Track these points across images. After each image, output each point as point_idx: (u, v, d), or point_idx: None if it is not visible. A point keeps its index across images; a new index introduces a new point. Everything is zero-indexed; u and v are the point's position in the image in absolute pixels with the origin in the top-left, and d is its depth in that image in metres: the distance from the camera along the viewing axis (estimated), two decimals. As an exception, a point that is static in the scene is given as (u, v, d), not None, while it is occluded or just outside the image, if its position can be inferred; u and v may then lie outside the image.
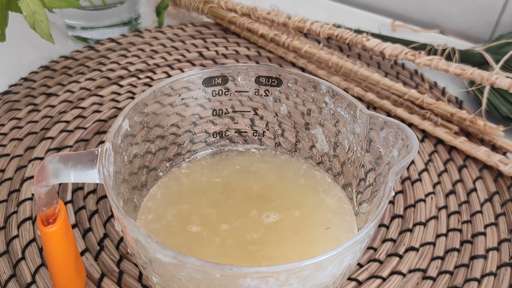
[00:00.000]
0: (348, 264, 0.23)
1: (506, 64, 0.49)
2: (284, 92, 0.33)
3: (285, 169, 0.34)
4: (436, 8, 0.64)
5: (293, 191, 0.32)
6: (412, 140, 0.25)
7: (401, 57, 0.46)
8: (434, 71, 0.47)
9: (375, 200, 0.27)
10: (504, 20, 0.60)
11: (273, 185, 0.32)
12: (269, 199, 0.31)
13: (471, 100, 0.50)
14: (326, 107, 0.31)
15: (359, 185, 0.30)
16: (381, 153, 0.28)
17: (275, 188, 0.32)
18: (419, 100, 0.45)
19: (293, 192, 0.32)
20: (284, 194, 0.31)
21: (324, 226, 0.29)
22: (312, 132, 0.33)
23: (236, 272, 0.20)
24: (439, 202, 0.38)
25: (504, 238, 0.35)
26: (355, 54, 0.55)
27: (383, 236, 0.35)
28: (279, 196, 0.31)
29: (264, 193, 0.31)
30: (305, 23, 0.51)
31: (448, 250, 0.35)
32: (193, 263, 0.20)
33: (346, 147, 0.31)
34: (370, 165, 0.29)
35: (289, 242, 0.28)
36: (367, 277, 0.32)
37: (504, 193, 0.39)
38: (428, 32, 0.62)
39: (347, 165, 0.32)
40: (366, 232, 0.22)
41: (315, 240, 0.28)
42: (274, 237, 0.28)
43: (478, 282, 0.32)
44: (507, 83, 0.41)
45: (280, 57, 0.54)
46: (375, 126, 0.28)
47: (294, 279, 0.21)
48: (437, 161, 0.42)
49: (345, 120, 0.30)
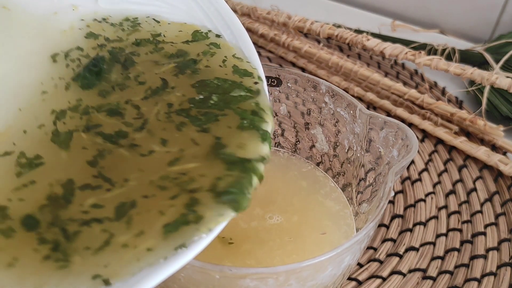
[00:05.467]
0: (348, 264, 0.23)
1: (506, 64, 0.49)
2: (284, 92, 0.33)
3: (286, 169, 0.34)
4: (436, 8, 0.64)
5: (292, 193, 0.32)
6: (412, 140, 0.25)
7: (401, 57, 0.46)
8: (434, 71, 0.47)
9: (375, 200, 0.27)
10: (504, 20, 0.60)
11: (275, 185, 0.32)
12: (271, 200, 0.30)
13: (471, 100, 0.50)
14: (326, 107, 0.31)
15: (359, 185, 0.30)
16: (381, 153, 0.28)
17: (276, 188, 0.32)
18: (419, 100, 0.45)
19: (293, 194, 0.31)
20: (284, 195, 0.31)
21: (321, 231, 0.29)
22: (312, 132, 0.33)
23: (236, 273, 0.20)
24: (439, 202, 0.38)
25: (504, 238, 0.35)
26: (355, 54, 0.55)
27: (383, 236, 0.35)
28: (280, 197, 0.31)
29: (266, 193, 0.31)
30: (305, 23, 0.51)
31: (448, 250, 0.35)
32: (193, 264, 0.20)
33: (346, 147, 0.31)
34: (370, 165, 0.29)
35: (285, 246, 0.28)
36: (367, 277, 0.32)
37: (504, 193, 0.39)
38: (428, 32, 0.62)
39: (347, 165, 0.32)
40: (366, 232, 0.22)
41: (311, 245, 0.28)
42: (273, 238, 0.28)
43: (478, 282, 0.32)
44: (507, 83, 0.41)
45: (280, 57, 0.54)
46: (375, 126, 0.28)
47: (293, 279, 0.21)
48: (437, 161, 0.42)
49: (345, 120, 0.30)
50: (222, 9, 0.27)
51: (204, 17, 0.27)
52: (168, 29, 0.27)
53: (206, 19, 0.27)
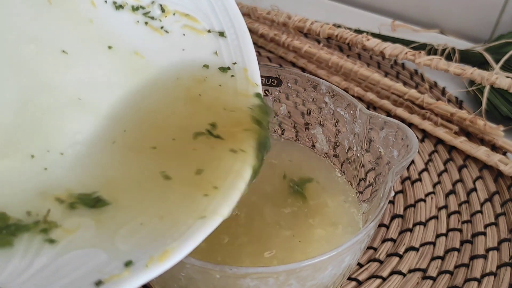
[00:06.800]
0: (348, 264, 0.23)
1: (506, 64, 0.49)
2: (284, 92, 0.33)
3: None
4: (436, 8, 0.64)
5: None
6: (412, 140, 0.25)
7: (401, 57, 0.46)
8: (434, 71, 0.47)
9: (375, 200, 0.27)
10: (504, 20, 0.60)
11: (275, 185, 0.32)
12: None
13: (471, 100, 0.50)
14: (326, 107, 0.31)
15: (359, 185, 0.30)
16: (381, 153, 0.28)
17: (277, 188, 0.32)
18: (419, 100, 0.45)
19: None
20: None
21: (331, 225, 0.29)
22: (312, 132, 0.33)
23: (236, 272, 0.20)
24: (439, 202, 0.38)
25: (504, 238, 0.35)
26: (355, 54, 0.55)
27: (383, 236, 0.35)
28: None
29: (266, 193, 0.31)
30: (305, 23, 0.51)
31: (448, 250, 0.35)
32: (193, 263, 0.20)
33: (346, 147, 0.31)
34: (370, 165, 0.29)
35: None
36: (367, 277, 0.32)
37: (504, 193, 0.39)
38: (428, 32, 0.62)
39: (347, 165, 0.32)
40: (366, 232, 0.22)
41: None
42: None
43: (478, 282, 0.32)
44: (507, 83, 0.41)
45: (280, 57, 0.54)
46: (375, 126, 0.28)
47: (293, 279, 0.21)
48: (437, 161, 0.42)
49: (345, 120, 0.30)
50: (229, 6, 0.27)
51: (210, 10, 0.27)
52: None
53: (211, 12, 0.27)
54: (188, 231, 0.18)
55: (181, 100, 0.25)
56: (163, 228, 0.19)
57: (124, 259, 0.18)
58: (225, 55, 0.26)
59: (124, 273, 0.17)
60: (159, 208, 0.20)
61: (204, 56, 0.27)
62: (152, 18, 0.28)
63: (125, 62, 0.26)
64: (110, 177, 0.22)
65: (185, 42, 0.27)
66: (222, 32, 0.26)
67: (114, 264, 0.18)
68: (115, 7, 0.27)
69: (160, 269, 0.17)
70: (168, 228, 0.19)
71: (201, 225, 0.19)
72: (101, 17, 0.26)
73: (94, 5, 0.27)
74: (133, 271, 0.17)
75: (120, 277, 0.17)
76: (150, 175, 0.21)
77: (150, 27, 0.28)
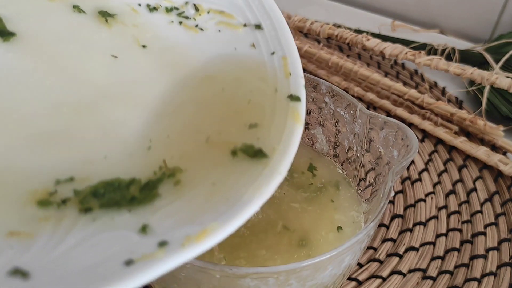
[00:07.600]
0: (348, 264, 0.23)
1: (506, 64, 0.49)
2: (284, 92, 0.33)
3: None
4: (436, 8, 0.64)
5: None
6: (412, 140, 0.25)
7: (401, 57, 0.46)
8: (434, 71, 0.47)
9: (375, 200, 0.27)
10: (504, 20, 0.60)
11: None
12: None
13: (471, 100, 0.50)
14: (326, 107, 0.31)
15: (359, 185, 0.30)
16: (381, 153, 0.28)
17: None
18: (419, 100, 0.45)
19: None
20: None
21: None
22: (312, 132, 0.33)
23: (236, 272, 0.20)
24: (439, 202, 0.38)
25: (504, 238, 0.35)
26: (355, 54, 0.55)
27: (383, 236, 0.35)
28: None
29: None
30: (305, 23, 0.51)
31: (448, 250, 0.35)
32: (193, 263, 0.20)
33: (346, 147, 0.31)
34: (370, 165, 0.29)
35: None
36: (367, 277, 0.32)
37: (504, 193, 0.39)
38: (428, 32, 0.62)
39: (347, 165, 0.32)
40: (366, 232, 0.22)
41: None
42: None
43: (478, 282, 0.32)
44: (507, 83, 0.41)
45: (280, 57, 0.54)
46: (375, 126, 0.28)
47: (294, 279, 0.21)
48: (437, 161, 0.42)
49: (345, 120, 0.30)
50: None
51: (245, 5, 0.27)
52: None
53: (246, 7, 0.27)
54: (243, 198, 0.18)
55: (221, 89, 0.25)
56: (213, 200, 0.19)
57: (158, 239, 0.17)
58: (263, 46, 0.26)
59: (158, 253, 0.16)
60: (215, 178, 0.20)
61: (241, 49, 0.26)
62: (186, 17, 0.28)
63: (161, 59, 0.26)
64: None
65: (221, 38, 0.27)
66: (259, 25, 0.26)
67: (147, 244, 0.17)
68: (149, 9, 0.28)
69: (199, 249, 0.16)
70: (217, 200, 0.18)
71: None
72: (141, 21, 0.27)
73: (136, 11, 0.27)
74: (168, 251, 0.16)
75: (153, 257, 0.16)
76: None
77: (185, 26, 0.28)
